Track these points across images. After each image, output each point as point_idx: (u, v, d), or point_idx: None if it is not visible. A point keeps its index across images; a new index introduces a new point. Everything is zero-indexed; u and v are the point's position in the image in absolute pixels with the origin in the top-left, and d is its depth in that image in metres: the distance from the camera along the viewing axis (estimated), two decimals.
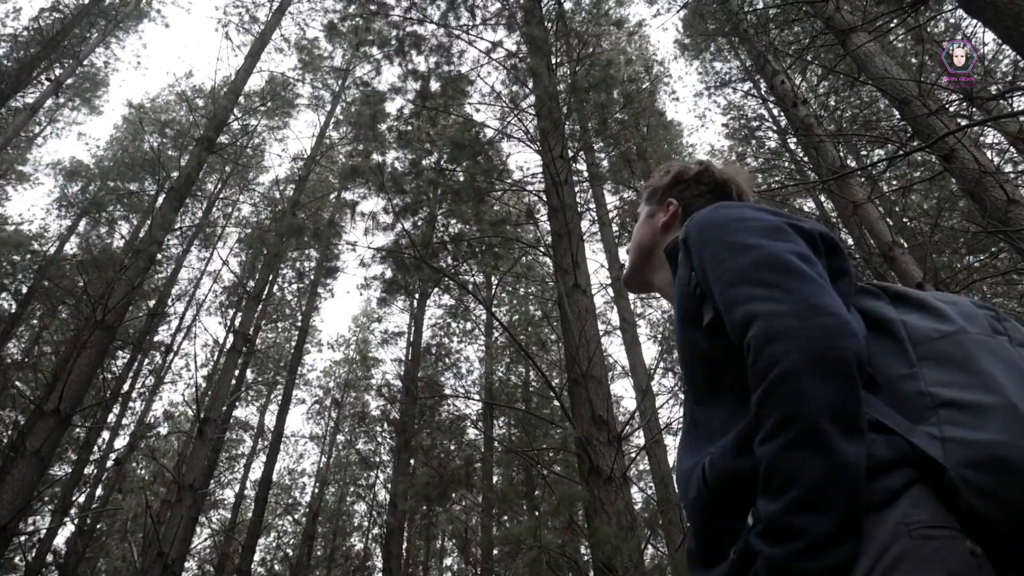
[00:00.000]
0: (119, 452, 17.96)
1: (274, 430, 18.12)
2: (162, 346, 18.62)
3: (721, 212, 1.23)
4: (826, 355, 0.92)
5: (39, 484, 8.45)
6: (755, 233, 1.13)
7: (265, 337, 23.33)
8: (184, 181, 10.67)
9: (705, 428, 1.14)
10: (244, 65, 13.15)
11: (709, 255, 1.15)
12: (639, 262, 1.57)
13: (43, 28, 13.13)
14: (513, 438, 17.78)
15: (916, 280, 8.02)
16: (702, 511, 1.09)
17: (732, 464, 1.03)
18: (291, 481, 24.51)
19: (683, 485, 1.16)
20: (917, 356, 1.04)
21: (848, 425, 0.89)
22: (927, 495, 0.90)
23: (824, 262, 1.13)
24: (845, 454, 0.87)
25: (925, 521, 0.87)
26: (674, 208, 1.51)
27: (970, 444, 0.89)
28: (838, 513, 0.86)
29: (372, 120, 9.41)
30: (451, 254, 10.17)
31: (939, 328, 1.06)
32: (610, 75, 8.51)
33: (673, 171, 1.59)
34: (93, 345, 8.91)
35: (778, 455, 0.90)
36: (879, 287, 1.21)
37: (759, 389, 0.95)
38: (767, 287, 1.02)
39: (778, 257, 1.06)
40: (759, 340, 0.97)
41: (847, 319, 0.97)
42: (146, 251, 9.59)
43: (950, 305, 1.11)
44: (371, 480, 21.63)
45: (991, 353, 1.00)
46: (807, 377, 0.91)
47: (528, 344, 17.00)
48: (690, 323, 1.19)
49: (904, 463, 0.93)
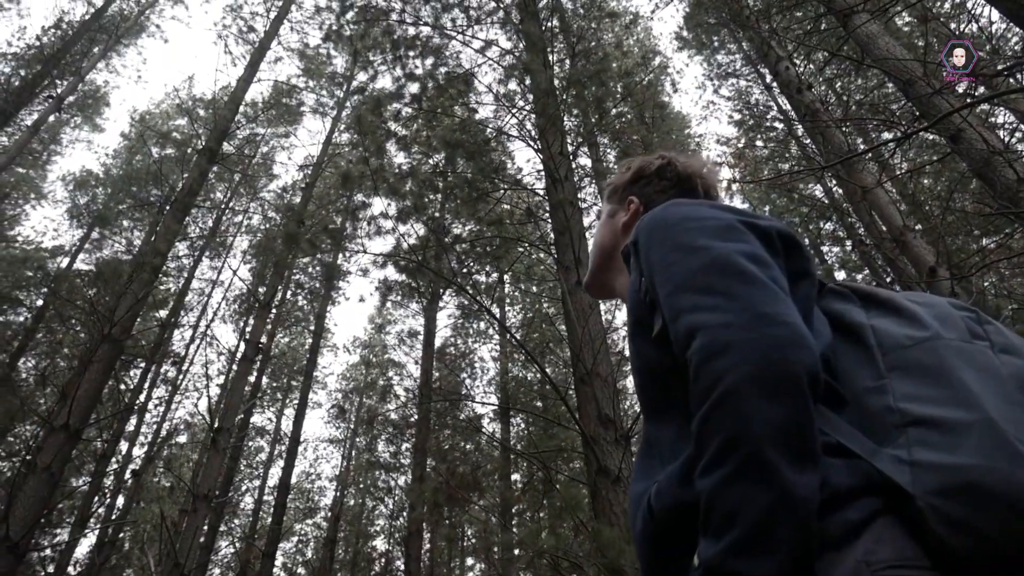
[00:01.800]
0: (136, 464, 18.09)
1: (291, 435, 18.19)
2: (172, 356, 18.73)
3: (671, 210, 1.12)
4: (773, 371, 0.81)
5: (51, 499, 8.45)
6: (704, 233, 1.02)
7: (279, 342, 23.43)
8: (187, 192, 10.68)
9: (658, 450, 1.03)
10: (244, 75, 13.18)
11: (657, 258, 1.05)
12: (600, 266, 1.47)
13: (44, 46, 13.22)
14: (532, 437, 17.69)
15: (929, 264, 7.90)
16: (647, 543, 0.99)
17: (678, 494, 0.92)
18: (310, 485, 24.61)
19: (632, 513, 1.05)
20: (887, 366, 0.92)
21: (798, 451, 0.78)
22: (893, 528, 0.78)
23: (782, 263, 1.02)
24: (793, 486, 0.76)
25: (889, 560, 0.75)
26: (635, 206, 1.42)
27: (942, 469, 0.77)
28: (785, 555, 0.74)
29: (370, 126, 9.36)
30: (456, 256, 10.12)
31: (911, 334, 0.93)
32: (604, 68, 8.38)
33: (634, 167, 1.49)
34: (101, 359, 8.92)
35: (717, 489, 0.79)
36: (848, 288, 1.09)
37: (699, 412, 0.84)
38: (713, 294, 0.92)
39: (726, 260, 0.95)
40: (700, 355, 0.86)
41: (799, 328, 0.86)
42: (150, 263, 9.59)
43: (924, 307, 0.99)
44: (390, 483, 21.64)
45: (968, 361, 0.87)
46: (751, 397, 0.80)
47: (541, 343, 16.96)
48: (641, 333, 1.08)
49: (868, 491, 0.82)
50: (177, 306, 18.95)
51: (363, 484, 23.47)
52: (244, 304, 19.61)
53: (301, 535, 23.66)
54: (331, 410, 23.64)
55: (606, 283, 1.47)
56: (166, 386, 20.05)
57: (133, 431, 18.53)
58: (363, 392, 24.58)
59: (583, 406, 6.78)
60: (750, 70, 16.01)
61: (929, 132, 8.92)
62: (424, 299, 17.48)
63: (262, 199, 21.11)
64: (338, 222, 15.36)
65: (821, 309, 1.06)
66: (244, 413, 17.78)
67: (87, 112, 21.08)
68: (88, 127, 21.74)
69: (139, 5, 17.53)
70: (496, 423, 18.23)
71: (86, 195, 21.63)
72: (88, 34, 14.98)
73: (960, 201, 11.06)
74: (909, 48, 9.16)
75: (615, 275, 1.44)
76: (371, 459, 21.48)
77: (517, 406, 15.92)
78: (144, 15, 17.73)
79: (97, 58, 15.28)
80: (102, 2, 16.02)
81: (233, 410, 13.09)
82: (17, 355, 16.31)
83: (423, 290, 15.54)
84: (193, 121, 17.78)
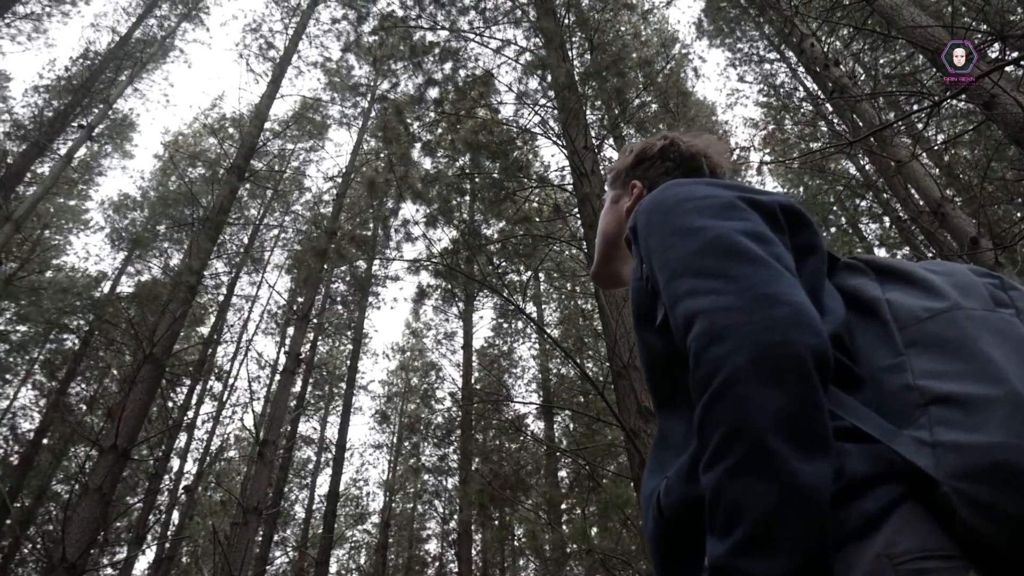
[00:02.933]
0: (188, 480, 18.46)
1: (337, 443, 18.40)
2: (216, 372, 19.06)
3: (669, 192, 1.08)
4: (775, 354, 0.76)
5: (103, 520, 8.65)
6: (702, 213, 0.98)
7: (319, 351, 23.70)
8: (218, 210, 10.85)
9: (671, 443, 0.99)
10: (267, 92, 13.37)
11: (655, 243, 1.00)
12: (606, 255, 1.42)
13: (72, 76, 13.55)
14: (574, 434, 17.61)
15: (970, 235, 7.63)
16: (658, 543, 0.94)
17: (686, 492, 0.88)
18: (358, 491, 24.83)
19: (644, 511, 1.01)
20: (904, 342, 0.86)
21: (805, 439, 0.73)
22: (916, 516, 0.73)
23: (787, 239, 0.98)
24: (800, 476, 0.70)
25: (912, 551, 0.70)
26: (638, 190, 1.37)
27: (967, 449, 0.71)
28: (796, 552, 0.68)
29: (393, 133, 9.40)
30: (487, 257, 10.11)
31: (929, 306, 0.87)
32: (622, 58, 8.28)
33: (636, 149, 1.45)
34: (143, 380, 9.11)
35: (721, 484, 0.74)
36: (864, 261, 1.03)
37: (700, 402, 0.80)
38: (711, 277, 0.87)
39: (725, 240, 0.91)
40: (699, 342, 0.82)
41: (802, 307, 0.81)
42: (186, 282, 9.77)
43: (943, 276, 0.92)
44: (437, 486, 21.73)
45: (991, 331, 0.81)
46: (752, 384, 0.75)
47: (579, 338, 16.89)
48: (644, 323, 1.04)
49: (888, 478, 0.76)
50: (219, 322, 19.30)
51: (412, 489, 23.62)
52: (283, 317, 19.88)
53: (353, 542, 23.88)
54: (375, 416, 23.81)
55: (614, 272, 1.42)
56: (213, 401, 20.43)
57: (184, 447, 18.92)
58: (405, 397, 24.73)
59: (622, 400, 6.70)
60: (775, 54, 15.76)
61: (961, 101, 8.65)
62: (460, 302, 17.55)
63: (295, 212, 21.39)
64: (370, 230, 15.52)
65: (835, 285, 1.01)
66: (290, 424, 18.01)
67: (116, 140, 21.58)
68: (119, 154, 22.27)
69: (162, 30, 17.88)
70: (540, 421, 18.20)
71: (124, 219, 22.15)
72: (114, 62, 15.33)
73: (999, 170, 10.70)
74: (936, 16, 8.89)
75: (622, 263, 1.39)
76: (414, 465, 21.62)
77: (559, 403, 15.86)
78: (167, 40, 18.08)
79: (124, 85, 15.60)
80: (125, 30, 16.40)
81: (277, 422, 13.27)
82: (67, 380, 16.76)
83: (458, 293, 15.60)
84: (222, 141, 18.10)
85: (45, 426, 16.19)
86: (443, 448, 20.46)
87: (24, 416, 18.80)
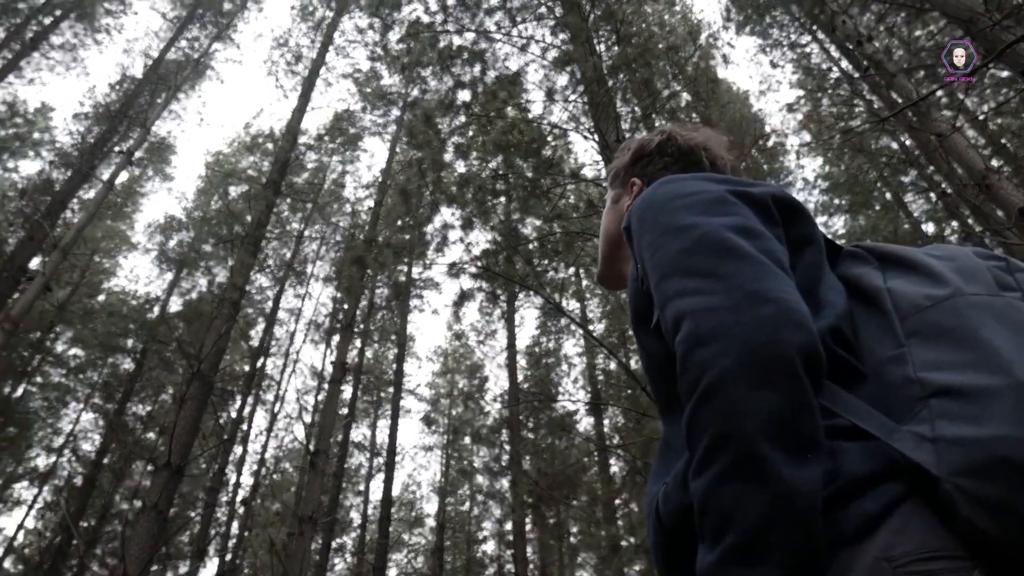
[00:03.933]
0: (245, 492, 18.80)
1: (387, 447, 18.54)
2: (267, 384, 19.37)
3: (659, 190, 1.05)
4: (761, 355, 0.74)
5: (161, 535, 8.83)
6: (692, 209, 0.95)
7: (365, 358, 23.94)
8: (256, 225, 11.02)
9: (673, 448, 0.96)
10: (297, 106, 13.56)
11: (647, 243, 0.99)
12: (609, 255, 1.40)
13: (110, 103, 13.92)
14: (621, 430, 17.48)
15: (1017, 206, 7.31)
16: (659, 552, 0.93)
17: (682, 499, 0.84)
18: (411, 495, 25.01)
19: (646, 518, 0.99)
20: (905, 332, 0.81)
21: (795, 443, 0.71)
22: (917, 516, 0.69)
23: (780, 232, 0.95)
24: (792, 481, 0.68)
25: (912, 552, 0.66)
26: (638, 188, 1.35)
27: (969, 443, 0.67)
28: (788, 559, 0.66)
29: (424, 138, 9.41)
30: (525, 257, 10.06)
31: (930, 293, 0.82)
32: (649, 48, 8.16)
33: (633, 147, 1.42)
34: (192, 397, 9.28)
35: (709, 491, 0.72)
36: (867, 249, 0.99)
37: (687, 407, 0.77)
38: (699, 276, 0.85)
39: (713, 237, 0.89)
40: (686, 344, 0.80)
41: (790, 304, 0.78)
42: (229, 298, 9.92)
43: (945, 261, 0.88)
44: (491, 488, 21.78)
45: (996, 317, 0.76)
46: (738, 387, 0.73)
47: (622, 334, 16.75)
48: (642, 326, 1.02)
49: (888, 476, 0.72)
50: (266, 336, 19.62)
51: (466, 491, 23.72)
52: (329, 327, 20.12)
53: (410, 546, 24.05)
54: (423, 419, 23.99)
55: (619, 273, 1.39)
56: (265, 414, 20.78)
57: (239, 460, 19.27)
58: (452, 399, 24.85)
59: None
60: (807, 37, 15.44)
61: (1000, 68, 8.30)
62: (502, 303, 17.54)
63: (335, 224, 21.63)
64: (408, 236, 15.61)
65: (838, 275, 0.98)
66: (341, 432, 18.21)
67: (156, 163, 22.11)
68: (160, 177, 22.81)
69: (195, 51, 18.23)
70: (590, 417, 18.11)
71: (170, 239, 22.70)
72: (149, 86, 15.70)
73: None
74: None
75: (625, 264, 1.35)
76: (464, 467, 21.72)
77: (606, 400, 15.75)
78: (201, 60, 18.41)
79: (161, 108, 15.96)
80: (157, 53, 16.75)
81: (328, 431, 13.42)
82: (124, 400, 17.22)
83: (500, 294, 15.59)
84: (261, 157, 18.39)
85: (105, 447, 16.68)
86: (494, 449, 20.48)
87: (85, 438, 19.44)
